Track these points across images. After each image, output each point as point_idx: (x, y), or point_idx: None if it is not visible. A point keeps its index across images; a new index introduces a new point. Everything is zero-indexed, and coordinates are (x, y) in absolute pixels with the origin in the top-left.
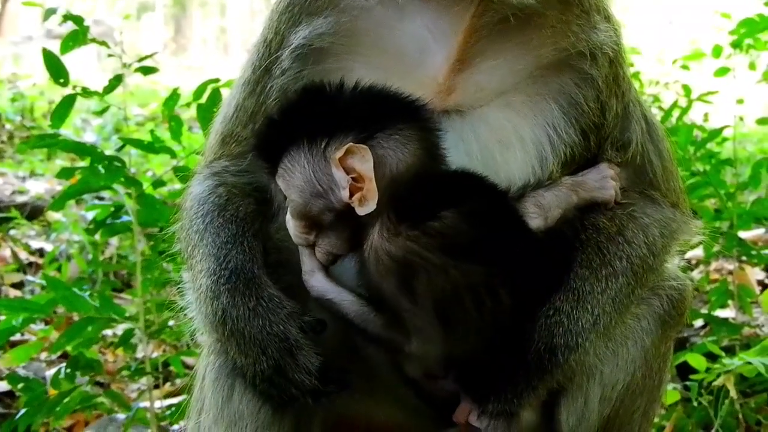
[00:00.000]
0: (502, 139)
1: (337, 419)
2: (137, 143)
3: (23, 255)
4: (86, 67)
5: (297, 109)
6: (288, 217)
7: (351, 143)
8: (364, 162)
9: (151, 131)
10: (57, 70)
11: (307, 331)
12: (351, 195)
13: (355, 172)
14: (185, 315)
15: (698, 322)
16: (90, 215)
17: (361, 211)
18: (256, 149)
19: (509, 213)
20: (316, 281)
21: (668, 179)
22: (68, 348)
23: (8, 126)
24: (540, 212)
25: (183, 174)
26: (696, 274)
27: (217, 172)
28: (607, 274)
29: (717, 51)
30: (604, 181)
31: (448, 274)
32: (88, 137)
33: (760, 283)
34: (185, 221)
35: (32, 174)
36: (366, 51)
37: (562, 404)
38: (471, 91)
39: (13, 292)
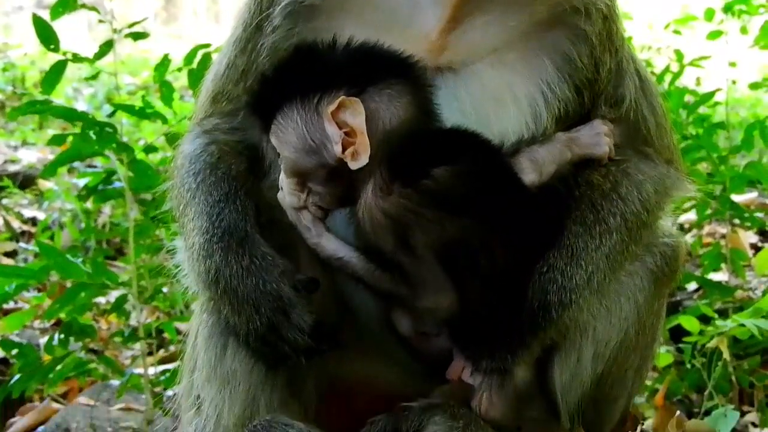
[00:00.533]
0: (495, 95)
1: (330, 378)
2: (129, 109)
3: (16, 224)
4: (77, 36)
5: (289, 67)
6: (281, 175)
7: (343, 97)
8: (356, 115)
9: (143, 97)
10: (47, 36)
11: (300, 290)
12: (344, 150)
13: (348, 127)
14: (178, 280)
15: (691, 286)
16: (82, 183)
17: (354, 165)
18: (249, 107)
19: (503, 169)
20: (327, 242)
21: (662, 136)
22: (62, 315)
23: None
24: (534, 167)
25: (175, 140)
26: (689, 237)
27: (208, 130)
28: (601, 231)
29: (709, 14)
30: (597, 137)
31: (443, 228)
32: (80, 106)
33: (753, 246)
34: (177, 179)
35: (24, 143)
36: (358, 8)
37: (556, 362)
38: (464, 48)
39: (6, 261)
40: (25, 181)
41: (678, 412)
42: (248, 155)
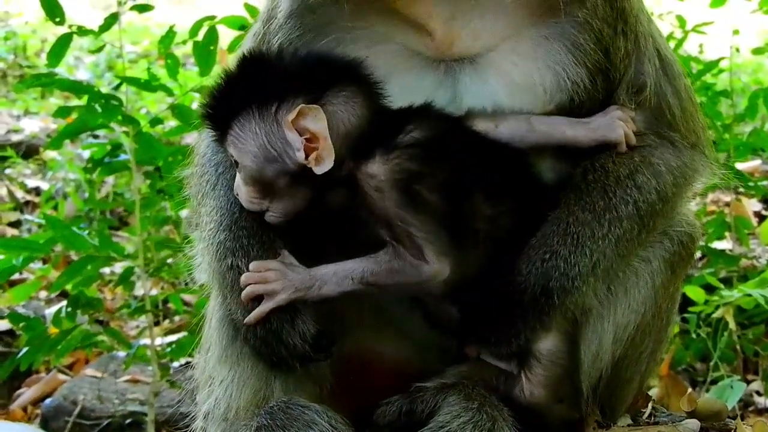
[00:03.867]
0: (510, 82)
1: (344, 357)
2: (134, 81)
3: (19, 194)
4: (77, 2)
5: (241, 76)
6: (238, 183)
7: (302, 105)
8: (317, 121)
9: (148, 69)
10: (52, 9)
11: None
12: (306, 156)
13: (308, 133)
14: (184, 252)
15: (696, 255)
16: (86, 153)
17: (319, 169)
18: (203, 118)
19: (457, 121)
20: (327, 280)
21: (687, 119)
22: (67, 287)
23: (1, 65)
24: (488, 118)
25: (180, 112)
26: (693, 206)
27: None
28: (610, 219)
29: None
30: (611, 121)
31: (437, 177)
32: (82, 75)
33: (757, 214)
34: (197, 167)
35: (27, 112)
36: (369, 6)
37: (580, 344)
38: (470, 39)
39: (10, 231)
40: (29, 150)
41: (690, 390)
42: None
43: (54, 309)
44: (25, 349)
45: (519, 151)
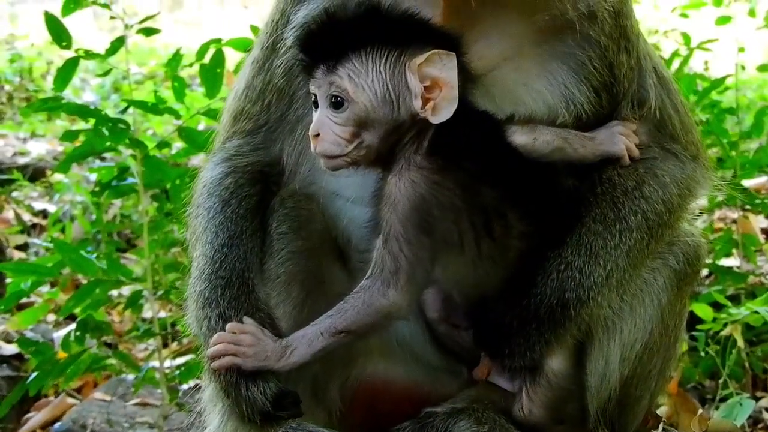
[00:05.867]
0: (515, 100)
1: (353, 381)
2: (141, 105)
3: (26, 217)
4: (83, 24)
5: (361, 16)
6: (323, 120)
7: (436, 50)
8: (448, 69)
9: (155, 92)
10: (59, 34)
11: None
12: (424, 105)
13: (430, 80)
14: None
15: (703, 272)
16: (93, 176)
17: (436, 119)
18: (306, 43)
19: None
20: (297, 344)
21: (687, 132)
22: (76, 310)
23: (7, 87)
24: (527, 130)
25: (187, 135)
26: (700, 223)
27: (230, 156)
28: (621, 229)
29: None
30: (613, 136)
31: (466, 200)
32: (88, 97)
33: (764, 231)
34: (193, 207)
35: (33, 135)
36: None
37: (586, 363)
38: (474, 58)
39: (18, 254)
40: (35, 173)
41: (700, 411)
42: (267, 173)
43: (62, 332)
44: (34, 374)
45: (549, 164)
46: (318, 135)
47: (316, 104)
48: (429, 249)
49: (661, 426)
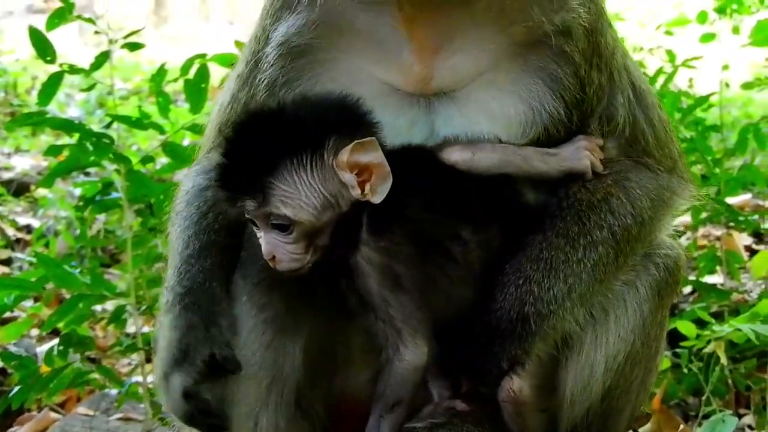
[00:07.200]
0: (489, 116)
1: (338, 395)
2: (125, 120)
3: (10, 231)
4: (67, 38)
5: (257, 133)
6: (274, 245)
7: (355, 141)
8: (372, 151)
9: (139, 107)
10: (43, 48)
11: (215, 365)
12: (362, 191)
13: (359, 167)
14: None
15: (687, 289)
16: (77, 191)
17: (377, 198)
18: (226, 188)
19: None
20: None
21: (662, 147)
22: (59, 325)
23: None
24: (466, 147)
25: (171, 150)
26: (684, 240)
27: (212, 168)
28: (585, 243)
29: (702, 17)
30: (577, 152)
31: (408, 245)
32: (72, 112)
33: (748, 248)
34: (172, 216)
35: (17, 150)
36: (347, 43)
37: (568, 372)
38: (448, 74)
39: (1, 269)
40: (20, 188)
41: (682, 426)
42: None
43: (46, 347)
44: (16, 388)
45: (501, 176)
46: (274, 257)
47: (255, 224)
48: (412, 300)
49: None
